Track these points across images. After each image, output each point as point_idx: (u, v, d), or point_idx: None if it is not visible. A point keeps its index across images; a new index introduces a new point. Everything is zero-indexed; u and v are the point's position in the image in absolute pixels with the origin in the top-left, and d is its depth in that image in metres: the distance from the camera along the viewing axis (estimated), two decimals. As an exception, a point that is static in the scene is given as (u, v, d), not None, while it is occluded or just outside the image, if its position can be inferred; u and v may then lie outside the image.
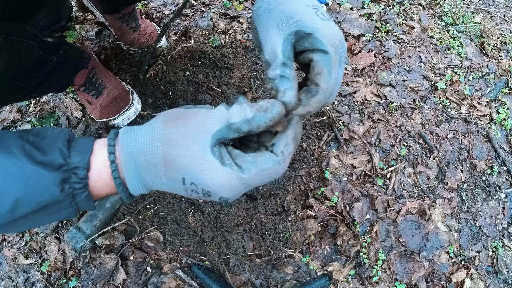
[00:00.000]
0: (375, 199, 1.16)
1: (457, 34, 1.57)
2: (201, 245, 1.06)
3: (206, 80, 1.21)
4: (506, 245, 1.20)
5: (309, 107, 0.46)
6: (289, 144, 0.45)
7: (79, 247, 0.99)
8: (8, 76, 0.69)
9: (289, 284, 1.05)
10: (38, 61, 0.78)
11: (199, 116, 0.43)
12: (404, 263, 1.11)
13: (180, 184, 0.42)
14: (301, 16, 0.46)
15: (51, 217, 0.45)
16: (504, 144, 1.35)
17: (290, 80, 0.46)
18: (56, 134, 0.44)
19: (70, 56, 0.95)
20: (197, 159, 0.41)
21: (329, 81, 0.46)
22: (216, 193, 0.42)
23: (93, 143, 0.45)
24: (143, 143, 0.42)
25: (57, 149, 0.42)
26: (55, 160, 0.41)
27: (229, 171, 0.41)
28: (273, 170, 0.43)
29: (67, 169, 0.42)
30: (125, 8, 1.19)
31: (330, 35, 0.45)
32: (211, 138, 0.41)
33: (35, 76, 0.81)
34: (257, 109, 0.42)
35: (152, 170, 0.42)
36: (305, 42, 0.46)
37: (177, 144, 0.41)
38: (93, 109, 1.12)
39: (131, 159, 0.42)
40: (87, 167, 0.43)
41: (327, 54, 0.45)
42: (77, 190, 0.43)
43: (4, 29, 0.63)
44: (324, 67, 0.45)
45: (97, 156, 0.44)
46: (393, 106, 1.33)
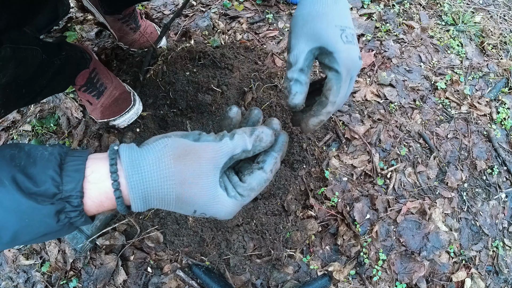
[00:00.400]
0: (375, 199, 1.16)
1: (457, 33, 1.57)
2: (201, 245, 1.06)
3: (206, 80, 1.21)
4: (507, 245, 1.20)
5: (321, 116, 0.55)
6: (277, 162, 0.51)
7: (80, 247, 0.99)
8: (15, 84, 0.69)
9: (289, 284, 1.05)
10: (42, 66, 0.78)
11: (208, 152, 0.45)
12: (404, 263, 1.11)
13: (190, 213, 0.47)
14: (327, 36, 0.53)
15: (52, 237, 0.46)
16: (505, 144, 1.35)
17: (303, 85, 0.54)
18: (47, 158, 0.43)
19: (72, 56, 0.95)
20: (210, 197, 0.45)
21: (337, 97, 0.54)
22: (223, 217, 0.48)
23: (84, 165, 0.44)
24: (154, 182, 0.43)
25: (49, 178, 0.41)
26: (48, 190, 0.41)
27: (235, 202, 0.47)
28: (263, 186, 0.50)
29: (61, 198, 0.41)
30: (125, 8, 1.19)
31: (346, 59, 0.52)
32: (219, 172, 0.46)
33: (40, 81, 0.81)
34: (255, 140, 0.48)
35: (163, 204, 0.45)
36: (325, 59, 0.54)
37: (191, 184, 0.44)
38: (93, 109, 1.12)
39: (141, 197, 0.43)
40: (80, 195, 0.42)
41: (339, 74, 0.52)
42: (73, 218, 0.43)
43: (11, 39, 0.63)
44: (334, 85, 0.53)
45: (98, 186, 0.43)
46: (393, 106, 1.33)
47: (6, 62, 0.62)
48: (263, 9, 1.53)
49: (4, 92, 0.66)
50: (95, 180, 0.43)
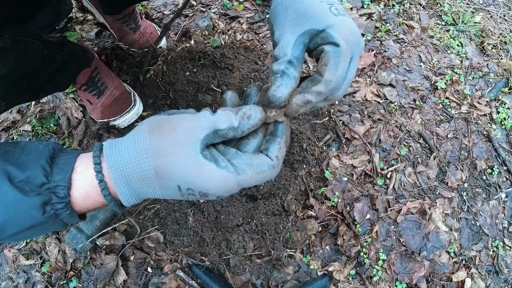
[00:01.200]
0: (375, 199, 1.16)
1: (457, 33, 1.57)
2: (201, 245, 1.06)
3: (206, 80, 1.21)
4: (507, 245, 1.20)
5: (309, 95, 0.45)
6: (282, 148, 0.46)
7: (80, 247, 0.99)
8: (16, 77, 0.69)
9: (289, 284, 1.05)
10: (43, 61, 0.78)
11: (184, 122, 0.42)
12: (404, 263, 1.11)
13: (175, 191, 0.42)
14: (315, 14, 0.46)
15: (39, 232, 0.46)
16: (505, 144, 1.35)
17: (290, 78, 0.46)
18: (40, 150, 0.44)
19: (74, 55, 0.96)
20: (191, 166, 0.41)
21: (335, 73, 0.44)
22: (214, 194, 0.42)
23: (75, 159, 0.45)
24: (130, 157, 0.41)
25: (39, 167, 0.42)
26: (38, 178, 0.41)
27: (226, 173, 0.41)
28: (267, 173, 0.44)
29: (48, 187, 0.41)
30: (125, 9, 1.19)
31: (343, 29, 0.45)
32: (200, 143, 0.41)
33: (41, 76, 0.81)
34: (241, 117, 0.44)
35: (145, 182, 0.42)
36: (318, 39, 0.46)
37: (167, 153, 0.41)
38: (93, 109, 1.12)
39: (121, 176, 0.42)
40: (68, 185, 0.42)
41: (338, 46, 0.44)
42: (59, 210, 0.43)
43: (10, 31, 0.63)
44: (332, 58, 0.44)
45: (83, 175, 0.44)
46: (393, 106, 1.33)
47: (5, 52, 0.63)
48: (263, 9, 1.53)
49: (4, 83, 0.67)
50: (82, 170, 0.44)
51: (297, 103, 0.46)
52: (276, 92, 0.46)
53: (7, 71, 0.65)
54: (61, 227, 0.46)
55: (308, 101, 0.45)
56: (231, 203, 1.09)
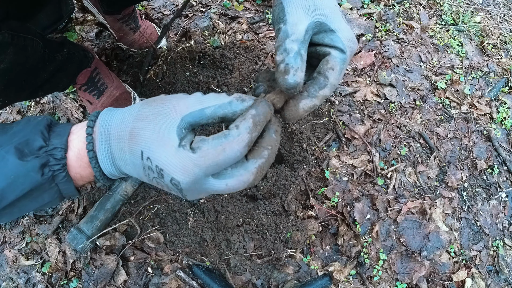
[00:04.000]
0: (375, 199, 1.16)
1: (457, 33, 1.57)
2: (201, 245, 1.06)
3: (206, 80, 1.21)
4: (507, 245, 1.20)
5: (316, 100, 0.45)
6: (247, 119, 0.40)
7: (80, 248, 0.99)
8: (15, 73, 0.69)
9: (290, 284, 1.05)
10: (43, 59, 0.79)
11: (174, 99, 0.43)
12: (405, 262, 1.10)
13: (138, 157, 0.41)
14: (330, 12, 0.47)
15: (35, 202, 0.46)
16: (505, 143, 1.35)
17: (303, 61, 0.43)
18: (39, 120, 0.46)
19: (74, 54, 0.96)
20: (159, 135, 0.40)
21: (338, 79, 0.46)
22: (168, 173, 0.39)
23: (71, 126, 0.47)
24: (117, 119, 0.44)
25: (38, 132, 0.44)
26: (36, 141, 0.43)
27: (181, 150, 0.38)
28: (226, 144, 0.38)
29: (46, 151, 0.43)
30: (125, 9, 1.19)
31: (351, 39, 0.47)
32: (181, 119, 0.40)
33: (41, 74, 0.81)
34: (235, 98, 0.42)
35: (119, 143, 0.43)
36: (326, 37, 0.47)
37: (146, 118, 0.42)
38: (93, 109, 1.12)
39: (104, 133, 0.43)
40: (64, 147, 0.44)
41: (344, 54, 0.46)
42: (56, 171, 0.44)
43: (10, 26, 0.63)
44: (338, 64, 0.46)
45: (76, 135, 0.46)
46: (393, 106, 1.33)
47: (5, 47, 0.63)
48: (263, 9, 1.53)
49: (3, 78, 0.67)
50: (77, 130, 0.46)
51: (305, 108, 0.45)
52: (295, 77, 0.42)
53: (6, 66, 0.65)
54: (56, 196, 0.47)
55: (315, 105, 0.45)
56: (231, 203, 1.09)
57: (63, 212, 1.12)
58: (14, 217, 0.49)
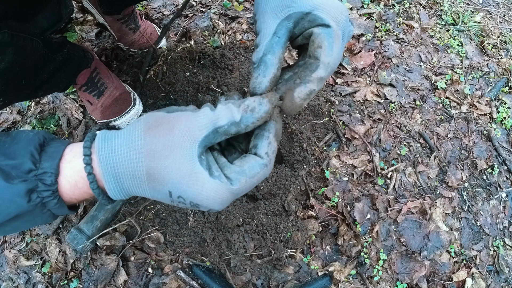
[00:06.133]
0: (375, 199, 1.16)
1: (457, 33, 1.57)
2: (202, 245, 1.06)
3: (206, 80, 1.21)
4: (507, 244, 1.20)
5: (311, 84, 0.41)
6: (272, 142, 0.42)
7: (80, 248, 0.99)
8: (14, 73, 0.69)
9: (290, 284, 1.05)
10: (43, 59, 0.79)
11: (182, 121, 0.39)
12: (405, 262, 1.10)
13: (166, 196, 0.40)
14: None
15: (28, 224, 0.44)
16: (505, 143, 1.35)
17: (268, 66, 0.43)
18: (30, 138, 0.42)
19: (74, 55, 0.96)
20: (185, 173, 0.38)
21: (331, 55, 0.41)
22: (206, 206, 0.40)
23: (64, 147, 0.43)
24: (122, 154, 0.39)
25: (28, 153, 0.40)
26: (25, 164, 0.39)
27: (219, 184, 0.38)
28: (261, 174, 0.41)
29: (35, 175, 0.40)
30: (124, 9, 1.19)
31: (331, 9, 0.42)
32: (198, 146, 0.39)
33: (40, 74, 0.81)
34: (244, 110, 0.40)
35: (135, 182, 0.40)
36: (304, 22, 0.43)
37: (161, 156, 0.38)
38: (93, 109, 1.12)
39: (111, 173, 0.40)
40: (55, 172, 0.40)
41: (329, 27, 0.42)
42: (46, 198, 0.41)
43: (10, 26, 0.63)
44: (326, 40, 0.41)
45: (72, 164, 0.42)
46: (393, 106, 1.33)
47: (4, 47, 0.63)
48: None
49: (3, 78, 0.67)
50: (71, 158, 0.42)
51: (301, 97, 0.42)
52: (254, 83, 0.43)
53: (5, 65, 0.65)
54: (51, 218, 0.44)
55: (311, 91, 0.42)
56: (232, 204, 1.09)
57: (63, 212, 1.12)
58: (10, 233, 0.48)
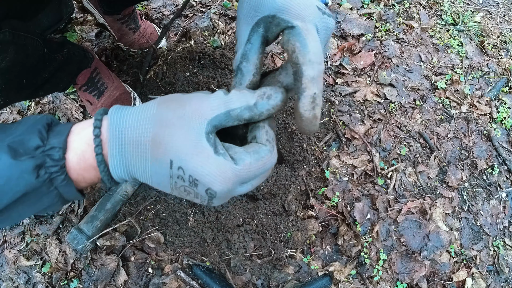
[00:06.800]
0: (376, 199, 1.16)
1: (457, 33, 1.57)
2: (202, 245, 1.06)
3: (207, 80, 1.22)
4: (507, 244, 1.20)
5: (308, 90, 0.38)
6: (269, 131, 0.42)
7: (80, 248, 0.99)
8: (15, 72, 0.69)
9: (290, 284, 1.05)
10: (43, 59, 0.79)
11: (194, 100, 0.40)
12: (405, 262, 1.10)
13: (166, 167, 0.38)
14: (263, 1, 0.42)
15: (34, 207, 0.43)
16: (505, 143, 1.35)
17: (244, 74, 0.44)
18: (38, 118, 0.42)
19: (75, 55, 0.96)
20: (191, 142, 0.37)
21: (308, 52, 0.39)
22: (204, 183, 0.38)
23: (72, 125, 0.43)
24: (132, 120, 0.39)
25: (36, 131, 0.40)
26: (32, 140, 0.39)
27: (222, 160, 0.37)
28: (266, 159, 0.40)
29: (43, 151, 0.39)
30: (124, 9, 1.19)
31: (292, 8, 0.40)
32: (207, 124, 0.38)
33: (41, 74, 0.81)
34: (260, 96, 0.40)
35: (138, 149, 0.39)
36: (272, 27, 0.42)
37: (170, 124, 0.38)
38: (94, 109, 1.12)
39: (117, 136, 0.39)
40: (63, 147, 0.40)
41: (294, 27, 0.40)
42: (54, 173, 0.40)
43: (11, 25, 0.63)
44: (296, 41, 0.39)
45: (79, 135, 0.42)
46: (393, 106, 1.33)
47: (5, 46, 0.62)
48: None
49: (4, 77, 0.66)
50: (79, 131, 0.42)
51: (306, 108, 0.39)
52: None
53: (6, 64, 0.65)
54: (57, 200, 0.43)
55: (312, 96, 0.39)
56: (232, 204, 1.09)
57: (63, 212, 1.12)
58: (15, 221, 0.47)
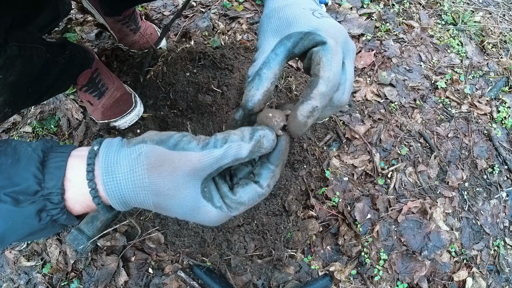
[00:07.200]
0: (376, 198, 1.16)
1: (457, 33, 1.57)
2: (202, 246, 1.06)
3: (207, 81, 1.22)
4: (508, 244, 1.20)
5: (313, 101, 0.41)
6: (276, 175, 0.44)
7: (81, 248, 0.99)
8: (22, 83, 0.69)
9: (291, 284, 1.05)
10: (47, 65, 0.79)
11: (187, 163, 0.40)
12: (405, 262, 1.10)
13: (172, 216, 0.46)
14: (298, 19, 0.46)
15: (40, 236, 0.46)
16: (505, 143, 1.35)
17: (262, 80, 0.45)
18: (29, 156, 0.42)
19: (76, 56, 0.96)
20: (189, 209, 0.42)
21: (330, 69, 0.42)
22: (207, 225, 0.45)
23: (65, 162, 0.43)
24: (129, 190, 0.41)
25: (31, 175, 0.41)
26: (31, 187, 0.40)
27: (220, 212, 0.42)
28: (258, 201, 0.44)
29: (42, 195, 0.41)
30: (125, 10, 1.19)
31: (329, 28, 0.44)
32: (201, 184, 0.41)
33: (45, 80, 0.82)
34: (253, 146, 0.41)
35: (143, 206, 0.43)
36: (305, 41, 0.45)
37: (167, 195, 0.41)
38: (94, 110, 1.12)
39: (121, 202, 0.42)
40: (61, 192, 0.42)
41: (326, 44, 0.44)
42: (56, 215, 0.42)
43: (16, 37, 0.63)
44: (323, 56, 0.43)
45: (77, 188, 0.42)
46: (393, 106, 1.33)
47: (13, 60, 0.63)
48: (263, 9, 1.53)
49: (12, 91, 0.67)
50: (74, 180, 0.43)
51: (303, 114, 0.41)
52: (247, 96, 0.45)
53: (15, 78, 0.65)
54: (59, 229, 0.47)
55: (313, 108, 0.41)
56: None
57: (63, 213, 1.12)
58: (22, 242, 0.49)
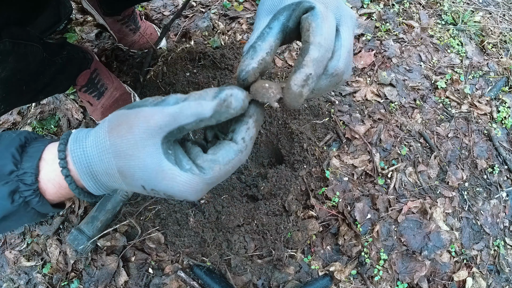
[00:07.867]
0: (376, 198, 1.16)
1: (457, 33, 1.57)
2: (202, 246, 1.06)
3: (207, 81, 1.22)
4: (508, 244, 1.20)
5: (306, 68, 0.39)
6: (251, 128, 0.41)
7: (81, 248, 0.99)
8: (15, 80, 0.69)
9: (291, 284, 1.05)
10: (43, 64, 0.79)
11: (140, 119, 0.38)
12: (405, 262, 1.10)
13: (140, 189, 0.41)
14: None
15: (16, 223, 0.45)
16: (505, 143, 1.35)
17: (257, 51, 0.42)
18: (12, 139, 0.43)
19: (74, 56, 0.96)
20: (153, 171, 0.38)
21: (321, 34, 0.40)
22: (180, 197, 0.40)
23: (44, 147, 0.44)
24: (93, 155, 0.40)
25: (9, 155, 0.41)
26: (6, 166, 0.41)
27: (190, 176, 0.38)
28: (235, 160, 0.40)
29: (17, 175, 0.41)
30: (124, 10, 1.19)
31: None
32: (161, 144, 0.38)
33: (41, 79, 0.81)
34: (219, 104, 0.38)
35: (111, 178, 0.41)
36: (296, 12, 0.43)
37: (127, 155, 0.39)
38: (94, 110, 1.12)
39: (87, 172, 0.41)
40: (35, 172, 0.42)
41: (314, 9, 0.41)
42: (28, 197, 0.42)
43: (11, 34, 0.63)
44: (313, 21, 0.41)
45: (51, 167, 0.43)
46: (393, 106, 1.33)
47: (5, 56, 0.63)
48: (263, 9, 1.53)
49: (4, 86, 0.67)
50: (48, 158, 0.43)
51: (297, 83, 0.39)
52: (242, 67, 0.42)
53: (7, 74, 0.65)
54: (37, 217, 0.45)
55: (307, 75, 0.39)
56: (232, 204, 1.09)
57: (63, 213, 1.12)
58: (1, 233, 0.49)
